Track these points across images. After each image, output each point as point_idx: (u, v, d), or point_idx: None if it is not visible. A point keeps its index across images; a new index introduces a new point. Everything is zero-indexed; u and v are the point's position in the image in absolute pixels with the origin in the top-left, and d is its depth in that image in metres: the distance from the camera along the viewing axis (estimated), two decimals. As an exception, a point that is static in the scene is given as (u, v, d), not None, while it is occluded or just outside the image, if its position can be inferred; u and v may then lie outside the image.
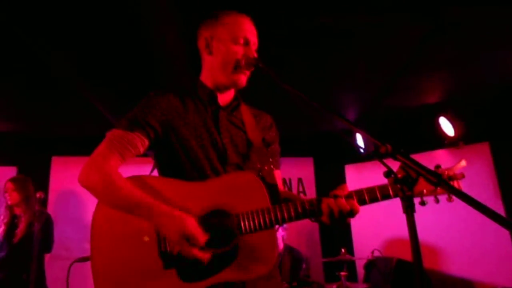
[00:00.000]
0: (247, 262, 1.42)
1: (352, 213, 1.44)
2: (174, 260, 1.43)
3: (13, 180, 4.30)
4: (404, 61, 3.98)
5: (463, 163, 1.44)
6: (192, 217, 1.40)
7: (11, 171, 5.43)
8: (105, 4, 2.87)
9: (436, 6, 3.11)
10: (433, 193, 1.41)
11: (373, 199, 1.46)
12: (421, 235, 1.00)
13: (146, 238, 1.47)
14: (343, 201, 1.43)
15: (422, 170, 0.94)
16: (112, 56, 3.62)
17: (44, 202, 4.64)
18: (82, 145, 5.73)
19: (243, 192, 1.49)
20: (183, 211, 1.42)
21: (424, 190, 1.40)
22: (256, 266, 1.42)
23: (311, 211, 1.47)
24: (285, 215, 1.45)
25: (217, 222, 1.45)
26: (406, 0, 3.04)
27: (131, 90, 4.20)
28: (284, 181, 6.09)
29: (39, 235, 3.92)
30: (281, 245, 4.77)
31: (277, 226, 1.48)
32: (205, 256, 1.38)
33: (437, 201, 1.41)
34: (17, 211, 4.19)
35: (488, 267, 4.70)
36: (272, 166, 1.67)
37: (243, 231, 1.43)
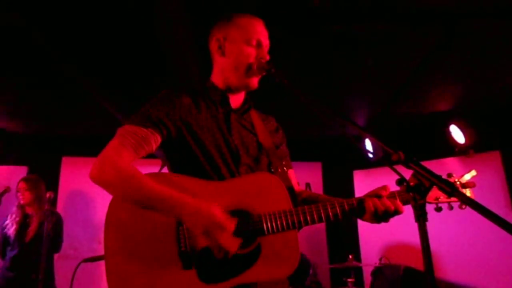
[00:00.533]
0: (269, 263, 1.40)
1: (397, 212, 1.46)
2: (195, 260, 1.40)
3: (25, 179, 4.35)
4: (416, 68, 3.96)
5: (473, 172, 1.46)
6: (218, 206, 1.37)
7: (22, 171, 5.49)
8: (117, 5, 2.90)
9: (448, 17, 3.11)
10: (448, 200, 1.43)
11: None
12: (430, 243, 1.00)
13: (166, 235, 1.42)
14: (388, 201, 1.45)
15: (436, 179, 0.93)
16: (123, 57, 3.66)
17: (53, 202, 4.67)
18: (92, 145, 5.74)
19: (265, 193, 1.48)
20: (207, 201, 1.38)
21: (441, 197, 1.42)
22: (279, 268, 1.40)
23: (351, 210, 1.47)
24: (315, 216, 1.45)
25: (239, 222, 1.42)
26: (418, 10, 3.03)
27: (141, 90, 4.23)
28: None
29: (50, 235, 3.96)
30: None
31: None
32: (234, 245, 1.36)
33: (450, 208, 1.42)
34: (29, 210, 4.23)
35: (497, 277, 4.64)
36: (285, 168, 1.67)
37: (266, 232, 1.42)
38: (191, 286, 1.38)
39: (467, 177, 1.47)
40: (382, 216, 1.46)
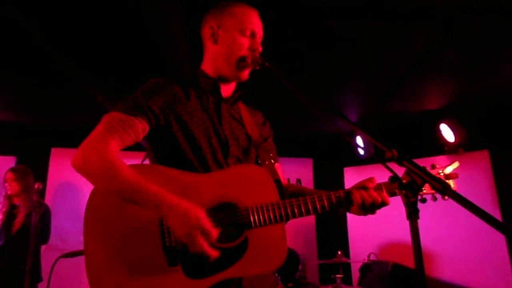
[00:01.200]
0: (256, 257, 1.38)
1: (383, 204, 1.47)
2: (180, 256, 1.36)
3: (13, 170, 4.29)
4: (407, 67, 3.98)
5: (456, 164, 1.51)
6: (202, 210, 1.31)
7: (10, 161, 5.42)
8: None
9: (439, 15, 3.12)
10: (432, 191, 1.47)
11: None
12: (421, 240, 1.00)
13: (149, 230, 1.37)
14: (374, 193, 1.46)
15: (428, 177, 0.94)
16: (113, 47, 3.61)
17: (42, 193, 4.63)
18: (82, 137, 5.72)
19: (252, 185, 1.46)
20: (191, 202, 1.32)
21: (425, 189, 1.45)
22: (266, 262, 1.39)
23: (338, 203, 1.48)
24: (303, 209, 1.44)
25: (226, 215, 1.40)
26: (412, 8, 3.04)
27: (132, 81, 4.19)
28: (282, 180, 6.08)
29: (37, 226, 3.91)
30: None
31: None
32: (214, 253, 1.30)
33: (434, 199, 1.46)
34: (16, 201, 4.19)
35: (483, 274, 4.71)
36: (272, 161, 1.66)
37: (253, 224, 1.40)
38: (177, 282, 1.35)
39: (450, 168, 1.52)
40: (369, 208, 1.47)
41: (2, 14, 3.01)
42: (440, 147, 5.07)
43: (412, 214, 0.97)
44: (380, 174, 1.48)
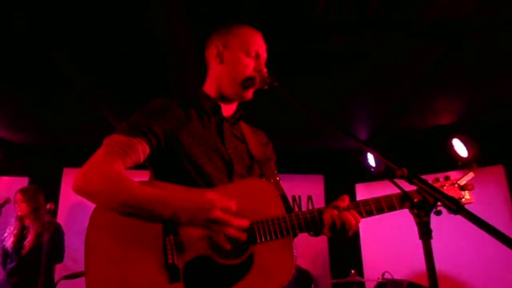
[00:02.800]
0: (262, 274, 1.32)
1: (355, 226, 1.40)
2: (181, 273, 1.32)
3: (22, 191, 4.28)
4: (419, 81, 3.96)
5: (471, 174, 1.47)
6: (213, 192, 1.32)
7: (23, 182, 5.47)
8: (119, 16, 2.91)
9: (450, 30, 3.11)
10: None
11: (378, 210, 1.45)
12: (434, 259, 0.97)
13: (152, 246, 1.34)
14: (347, 213, 1.39)
15: (441, 196, 0.91)
16: (125, 67, 3.66)
17: (54, 213, 4.63)
18: (93, 157, 5.82)
19: (256, 199, 1.43)
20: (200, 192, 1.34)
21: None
22: (273, 279, 1.32)
23: (313, 223, 1.41)
24: (289, 225, 1.39)
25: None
26: (422, 23, 3.04)
27: (144, 101, 4.23)
28: (293, 198, 6.04)
29: (48, 247, 3.91)
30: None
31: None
32: (244, 223, 1.31)
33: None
34: (27, 222, 4.18)
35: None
36: (278, 178, 1.63)
37: (258, 240, 1.36)
38: None
39: (464, 179, 1.46)
40: (339, 231, 1.39)
41: (11, 32, 3.06)
42: (453, 162, 4.99)
43: (425, 234, 0.94)
44: (392, 191, 1.45)
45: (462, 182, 1.46)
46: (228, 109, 1.70)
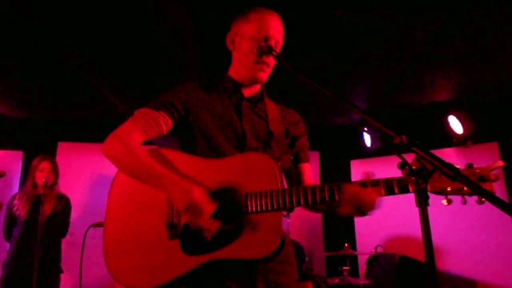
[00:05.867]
0: (249, 241, 1.41)
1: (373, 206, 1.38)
2: (179, 231, 1.48)
3: (50, 160, 4.25)
4: (415, 58, 3.93)
5: (500, 163, 1.25)
6: (202, 188, 1.44)
7: (17, 156, 5.47)
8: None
9: (450, 5, 3.07)
10: (460, 193, 1.28)
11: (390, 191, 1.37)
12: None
13: (159, 207, 1.53)
14: (372, 191, 1.37)
15: (438, 163, 0.91)
16: (121, 42, 3.60)
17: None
18: (88, 131, 5.80)
19: (255, 172, 1.50)
20: (194, 182, 1.47)
21: (448, 188, 1.28)
22: (257, 247, 1.40)
23: (330, 195, 1.40)
24: (294, 199, 1.41)
25: (225, 198, 1.47)
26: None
27: (138, 76, 4.19)
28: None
29: (59, 217, 4.03)
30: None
31: (285, 213, 1.46)
32: (211, 226, 1.42)
33: (464, 202, 1.26)
34: (42, 191, 3.96)
35: (491, 268, 4.68)
36: (291, 157, 1.72)
37: (249, 210, 1.44)
38: (173, 256, 1.46)
39: (490, 168, 1.26)
40: (359, 209, 1.39)
41: (7, 5, 3.00)
42: (448, 139, 5.02)
43: (422, 201, 0.95)
44: (386, 166, 1.45)
45: (485, 172, 1.25)
46: (250, 91, 1.77)
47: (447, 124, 4.95)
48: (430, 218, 0.97)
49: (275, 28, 1.68)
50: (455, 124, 4.91)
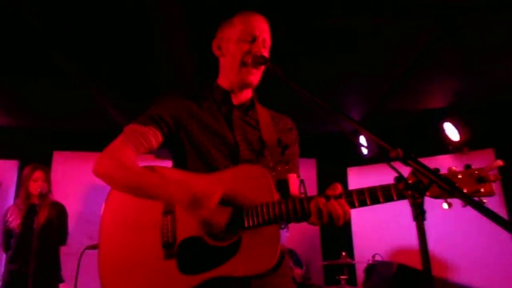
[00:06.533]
0: (248, 257, 1.37)
1: (345, 216, 1.33)
2: (175, 251, 1.44)
3: (43, 169, 4.21)
4: (410, 65, 3.95)
5: (499, 162, 1.25)
6: (200, 186, 1.41)
7: (13, 165, 5.42)
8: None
9: (444, 12, 3.09)
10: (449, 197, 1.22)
11: (373, 200, 1.32)
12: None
13: (151, 227, 1.49)
14: (334, 202, 1.33)
15: (435, 177, 0.90)
16: (117, 51, 3.60)
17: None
18: (83, 140, 5.78)
19: (249, 185, 1.46)
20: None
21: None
22: (255, 263, 1.36)
23: (301, 210, 1.38)
24: (277, 211, 1.38)
25: (221, 213, 1.43)
26: (415, 5, 3.01)
27: (134, 86, 4.18)
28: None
29: (54, 226, 3.96)
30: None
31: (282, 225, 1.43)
32: (219, 217, 1.39)
33: (464, 204, 1.13)
34: (36, 200, 3.98)
35: (491, 277, 4.66)
36: (286, 167, 1.66)
37: (246, 225, 1.40)
38: (170, 276, 1.43)
39: (489, 168, 1.26)
40: (327, 221, 1.34)
41: (3, 13, 2.99)
42: (444, 146, 5.02)
43: (419, 215, 0.93)
44: (384, 175, 1.42)
45: (484, 172, 1.26)
46: (240, 97, 1.74)
47: (443, 131, 4.96)
48: (427, 225, 0.95)
49: (261, 28, 1.66)
50: (451, 131, 4.91)
